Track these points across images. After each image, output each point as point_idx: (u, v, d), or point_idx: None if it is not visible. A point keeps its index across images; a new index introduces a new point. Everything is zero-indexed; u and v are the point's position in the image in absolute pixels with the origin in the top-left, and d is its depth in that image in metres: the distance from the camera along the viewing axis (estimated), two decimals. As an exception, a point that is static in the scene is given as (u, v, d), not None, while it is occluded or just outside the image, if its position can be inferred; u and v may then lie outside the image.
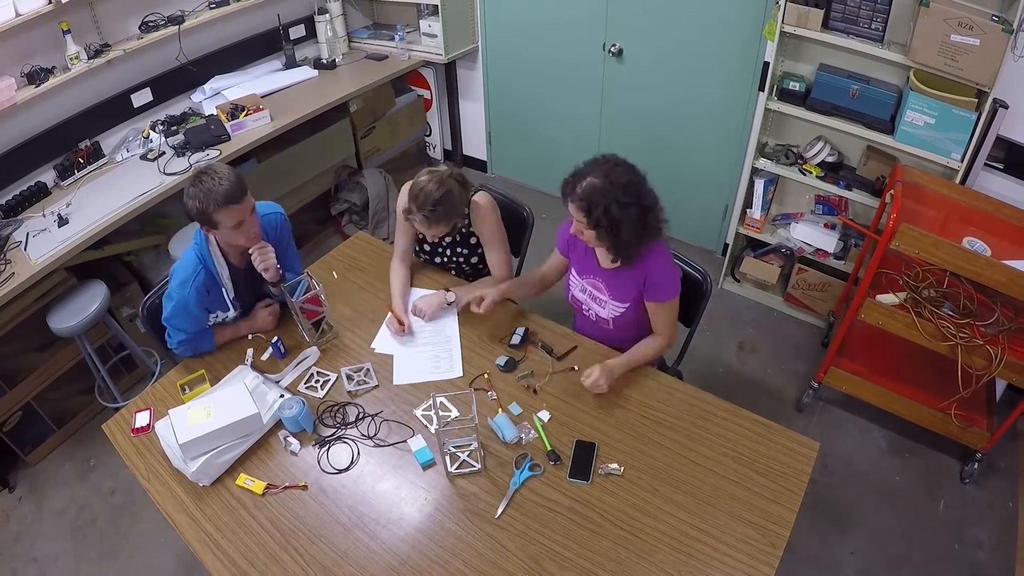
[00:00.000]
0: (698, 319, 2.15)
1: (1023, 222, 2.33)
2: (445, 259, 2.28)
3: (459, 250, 2.23)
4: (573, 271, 2.03)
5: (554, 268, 2.11)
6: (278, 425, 1.78)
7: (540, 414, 1.79)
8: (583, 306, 2.03)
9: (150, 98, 3.12)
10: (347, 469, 1.70)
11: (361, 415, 1.82)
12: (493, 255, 2.17)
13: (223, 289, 1.94)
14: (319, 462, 1.71)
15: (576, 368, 1.90)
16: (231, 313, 2.01)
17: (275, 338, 2.00)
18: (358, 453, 1.74)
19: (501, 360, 1.94)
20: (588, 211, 1.71)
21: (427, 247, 2.28)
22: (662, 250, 1.86)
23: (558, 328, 2.07)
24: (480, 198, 2.11)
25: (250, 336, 2.06)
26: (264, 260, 1.91)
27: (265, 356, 2.00)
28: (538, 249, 2.43)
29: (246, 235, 1.86)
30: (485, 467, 1.67)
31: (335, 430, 1.79)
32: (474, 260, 2.26)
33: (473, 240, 2.21)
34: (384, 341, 2.05)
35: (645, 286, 1.86)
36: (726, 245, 3.36)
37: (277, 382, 1.89)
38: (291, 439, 1.75)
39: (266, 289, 2.05)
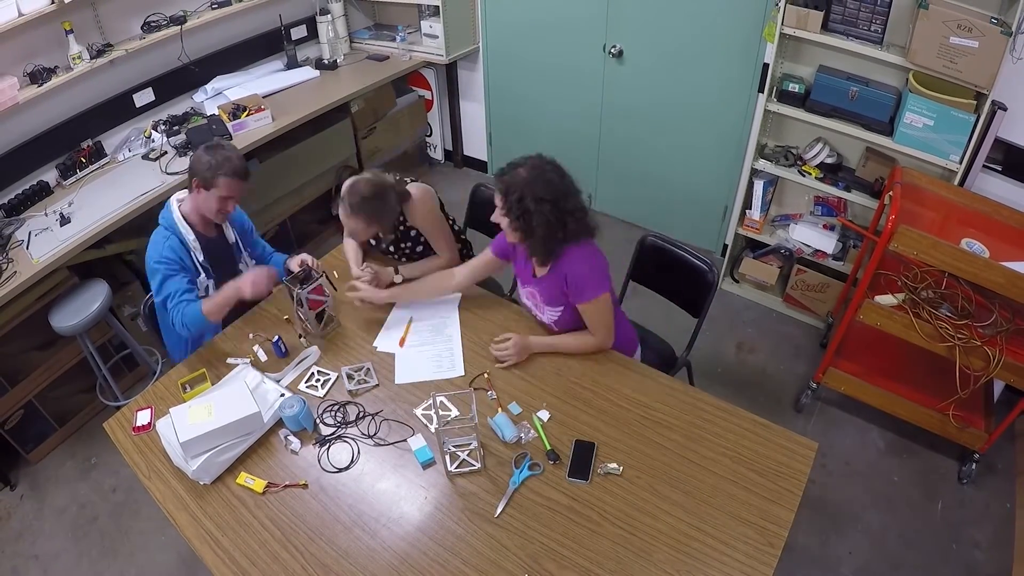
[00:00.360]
0: (705, 310, 2.17)
1: (1021, 224, 2.33)
2: (392, 252, 2.33)
3: (402, 245, 2.29)
4: (518, 279, 2.09)
5: (476, 267, 2.11)
6: (279, 424, 1.78)
7: (540, 414, 1.79)
8: (531, 311, 2.07)
9: (152, 98, 3.12)
10: (347, 468, 1.70)
11: (361, 414, 1.82)
12: (436, 242, 2.25)
13: (192, 252, 2.03)
14: (319, 461, 1.72)
15: (496, 338, 1.95)
16: (205, 280, 2.07)
17: (276, 337, 2.00)
18: (358, 452, 1.74)
19: None
20: (505, 195, 1.78)
21: (372, 241, 2.31)
22: (580, 251, 1.84)
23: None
24: (413, 189, 2.16)
25: (251, 335, 2.06)
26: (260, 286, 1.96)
27: (265, 357, 2.00)
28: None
29: (222, 209, 2.02)
30: (485, 466, 1.67)
31: (335, 429, 1.79)
32: (419, 249, 2.31)
33: (414, 232, 2.26)
34: (386, 340, 2.05)
35: (567, 289, 1.87)
36: (725, 246, 3.36)
37: (278, 381, 1.89)
38: (292, 438, 1.75)
39: (241, 267, 2.18)
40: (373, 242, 2.33)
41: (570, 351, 1.96)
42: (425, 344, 2.03)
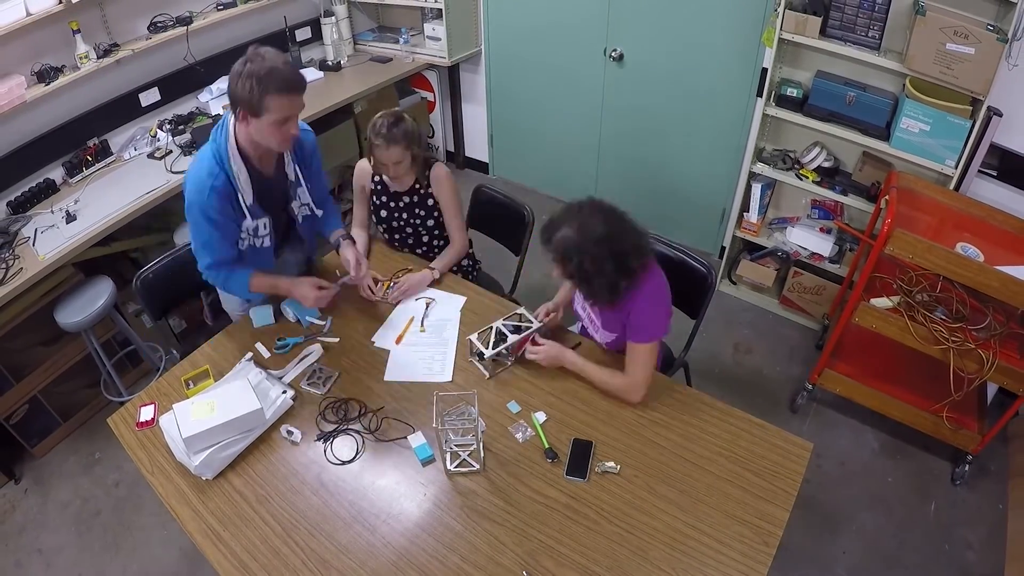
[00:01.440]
0: (703, 312, 2.16)
1: (1016, 228, 2.33)
2: (402, 221, 2.31)
3: (417, 211, 2.29)
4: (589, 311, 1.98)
5: (565, 296, 2.08)
6: (280, 420, 1.78)
7: (537, 415, 1.79)
8: (582, 322, 2.03)
9: (158, 97, 3.12)
10: (351, 461, 1.70)
11: (363, 411, 1.82)
12: (452, 220, 2.30)
13: (240, 194, 1.70)
14: (324, 454, 1.72)
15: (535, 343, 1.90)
16: (251, 223, 1.76)
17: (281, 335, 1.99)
18: (363, 444, 1.74)
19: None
20: (562, 263, 1.70)
21: (383, 212, 2.31)
22: (649, 290, 1.76)
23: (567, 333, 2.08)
24: (439, 167, 2.23)
25: (255, 324, 2.06)
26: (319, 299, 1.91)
27: (268, 354, 2.00)
28: (537, 248, 2.42)
29: (285, 135, 1.65)
30: (484, 467, 1.67)
31: (337, 425, 1.79)
32: (430, 223, 2.31)
33: (431, 202, 2.28)
34: (384, 337, 2.05)
35: (628, 321, 1.80)
36: (723, 248, 3.36)
37: (280, 378, 1.89)
38: (293, 430, 1.76)
39: (293, 207, 1.91)
40: (386, 210, 2.30)
41: (597, 385, 1.85)
42: (421, 344, 2.02)
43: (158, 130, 3.02)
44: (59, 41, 2.65)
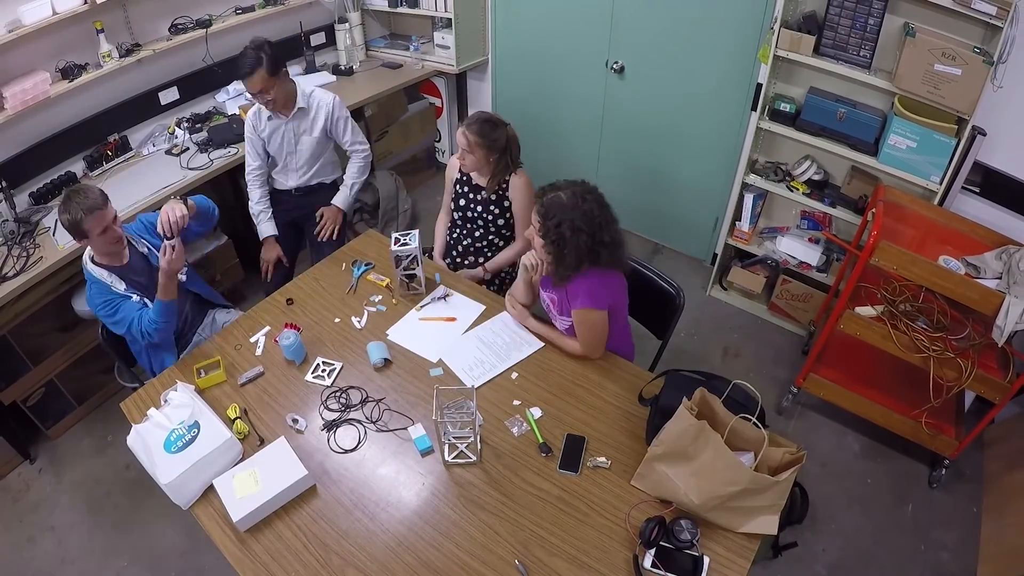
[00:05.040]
0: (669, 332, 2.12)
1: (996, 243, 2.33)
2: (476, 213, 2.43)
3: (492, 208, 2.39)
4: (539, 284, 2.05)
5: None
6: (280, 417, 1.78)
7: (532, 410, 1.79)
8: (547, 313, 2.06)
9: (177, 96, 3.12)
10: (354, 449, 1.70)
11: (365, 398, 1.82)
12: (521, 224, 2.40)
13: (111, 287, 1.99)
14: (328, 442, 1.72)
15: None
16: (139, 299, 2.02)
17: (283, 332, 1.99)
18: (365, 433, 1.74)
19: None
20: (544, 218, 1.74)
21: (463, 200, 2.43)
22: (597, 275, 1.81)
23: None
24: (520, 175, 2.34)
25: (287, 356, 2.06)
26: (169, 262, 1.90)
27: (260, 352, 1.98)
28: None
29: (110, 242, 1.95)
30: (481, 459, 1.67)
31: (340, 413, 1.79)
32: (500, 223, 2.43)
33: (506, 203, 2.38)
34: (399, 331, 2.06)
35: (567, 296, 1.85)
36: (715, 255, 3.36)
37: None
38: (299, 418, 1.76)
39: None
40: (464, 201, 2.43)
41: (555, 344, 1.96)
42: (483, 346, 1.99)
43: (176, 128, 3.02)
44: (83, 40, 2.64)
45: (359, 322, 2.08)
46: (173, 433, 1.65)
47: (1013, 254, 2.16)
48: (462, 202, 2.45)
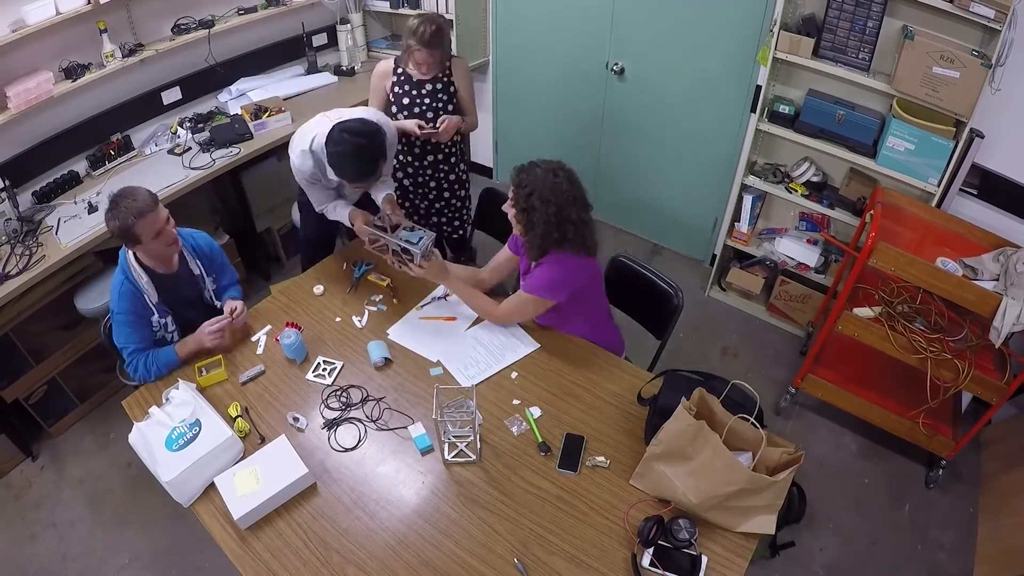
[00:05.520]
0: (668, 332, 2.12)
1: (993, 245, 2.33)
2: (424, 106, 2.48)
3: (440, 96, 2.48)
4: (520, 271, 2.10)
5: (495, 268, 2.14)
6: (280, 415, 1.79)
7: (531, 409, 1.79)
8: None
9: (179, 96, 3.12)
10: (354, 448, 1.70)
11: (365, 397, 1.83)
12: (467, 105, 2.56)
13: (145, 296, 1.90)
14: (329, 441, 1.72)
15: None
16: (159, 319, 1.94)
17: (284, 332, 1.99)
18: (365, 432, 1.74)
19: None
20: (516, 187, 1.81)
21: (406, 99, 2.47)
22: (564, 257, 1.84)
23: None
24: (459, 60, 2.49)
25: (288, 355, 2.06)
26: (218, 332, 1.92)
27: (261, 351, 1.99)
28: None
29: (165, 245, 1.88)
30: (481, 458, 1.67)
31: (340, 412, 1.79)
32: (450, 109, 2.52)
33: (452, 89, 2.49)
34: (399, 331, 2.06)
35: (530, 275, 1.92)
36: (714, 256, 3.36)
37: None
38: (300, 417, 1.76)
39: (206, 296, 2.09)
40: (407, 99, 2.48)
41: (471, 304, 2.02)
42: (480, 346, 1.99)
43: (178, 127, 3.02)
44: (86, 40, 2.64)
45: (360, 321, 2.08)
46: (174, 431, 1.65)
47: (1010, 256, 2.16)
48: (405, 100, 2.48)
